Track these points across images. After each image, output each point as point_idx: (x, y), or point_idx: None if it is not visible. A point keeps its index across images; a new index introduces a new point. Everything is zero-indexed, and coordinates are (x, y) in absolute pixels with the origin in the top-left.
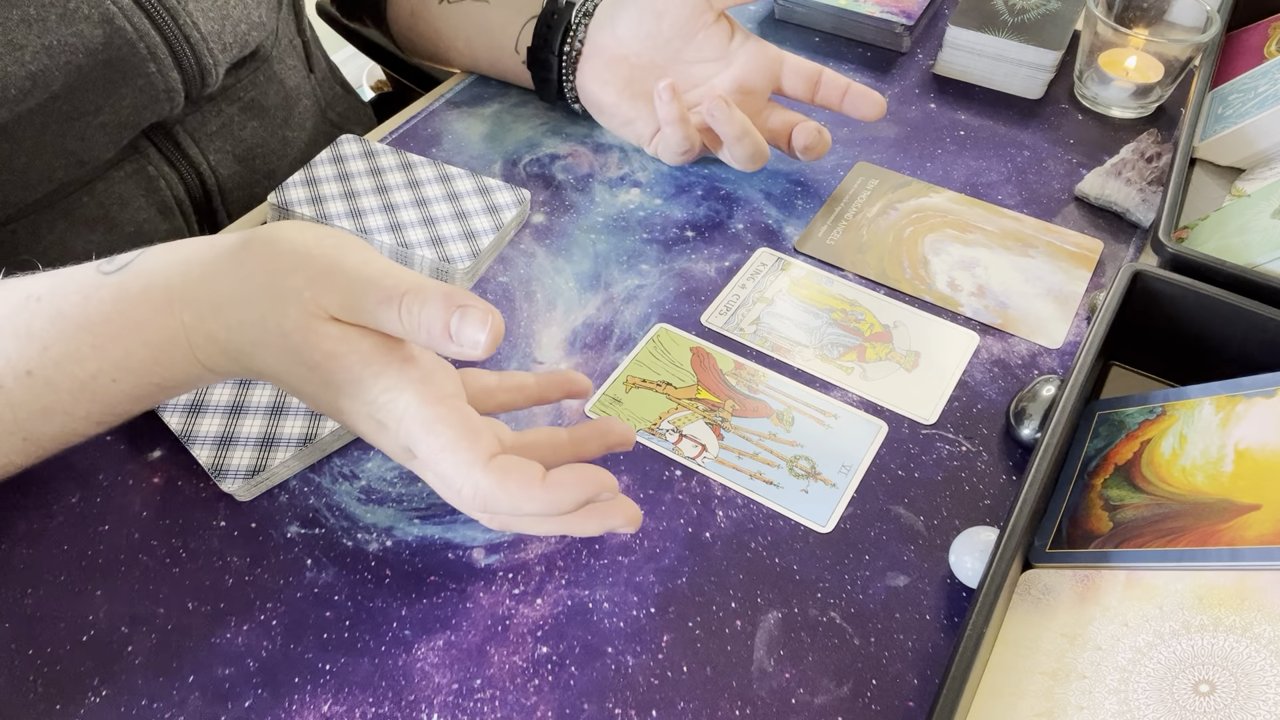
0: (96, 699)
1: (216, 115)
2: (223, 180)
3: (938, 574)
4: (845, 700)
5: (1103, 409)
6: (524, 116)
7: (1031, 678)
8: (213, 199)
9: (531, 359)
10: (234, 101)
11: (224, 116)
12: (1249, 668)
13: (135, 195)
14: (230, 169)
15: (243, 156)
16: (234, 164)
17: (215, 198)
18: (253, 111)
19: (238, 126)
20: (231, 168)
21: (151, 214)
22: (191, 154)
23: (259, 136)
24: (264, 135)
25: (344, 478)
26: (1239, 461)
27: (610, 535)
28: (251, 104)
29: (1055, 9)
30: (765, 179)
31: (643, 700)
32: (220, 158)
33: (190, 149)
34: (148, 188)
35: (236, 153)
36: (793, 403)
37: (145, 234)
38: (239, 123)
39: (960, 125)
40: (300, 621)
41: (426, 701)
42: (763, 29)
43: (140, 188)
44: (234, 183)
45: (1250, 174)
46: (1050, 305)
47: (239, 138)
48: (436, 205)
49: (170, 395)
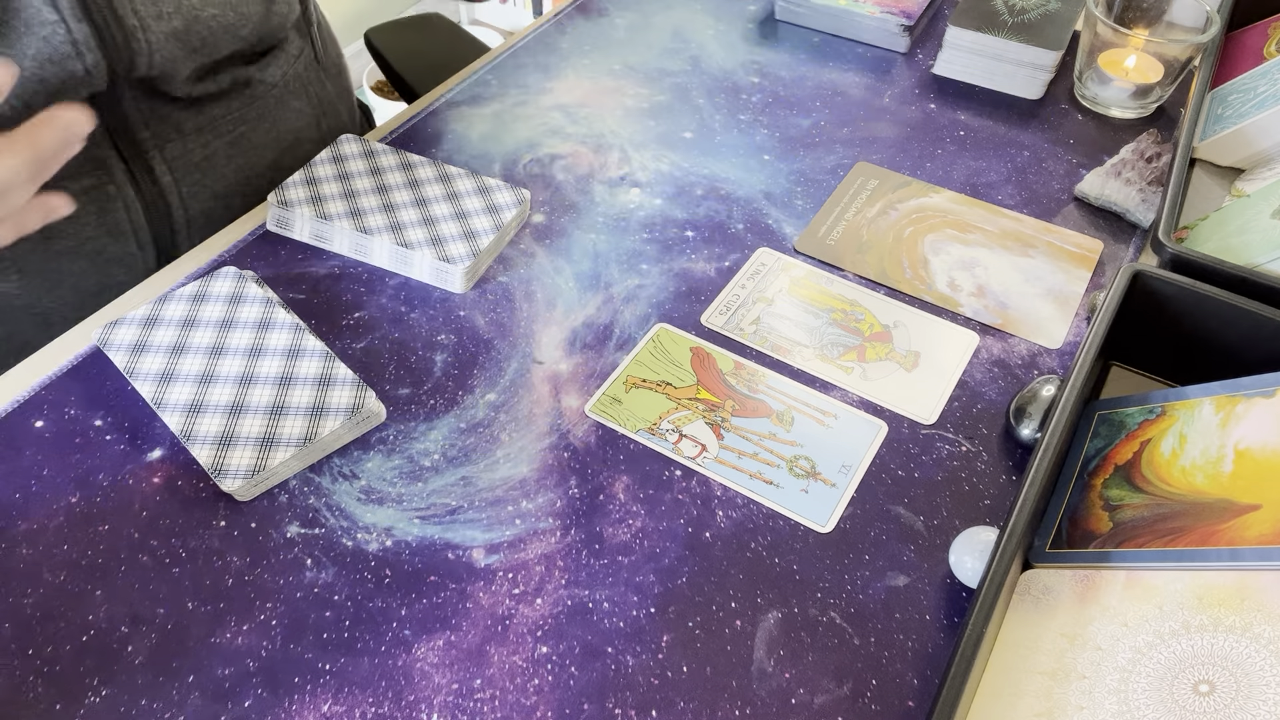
0: (96, 699)
1: (202, 147)
2: (193, 215)
3: (938, 574)
4: (845, 700)
5: (1103, 409)
6: (524, 116)
7: (1031, 678)
8: (177, 234)
9: (531, 359)
10: (222, 134)
11: (209, 149)
12: (1249, 668)
13: (86, 211)
14: (205, 204)
15: (222, 194)
16: (210, 199)
17: (180, 232)
18: (241, 148)
19: (222, 161)
20: (206, 203)
21: (99, 233)
22: (164, 182)
23: (244, 176)
24: (250, 175)
25: (344, 478)
26: (1239, 461)
27: (610, 535)
28: (240, 140)
29: (1055, 9)
30: (765, 179)
31: (643, 700)
32: (195, 191)
33: (164, 177)
34: (102, 206)
35: (216, 189)
36: (793, 403)
37: (86, 250)
38: (224, 157)
39: (960, 125)
40: (300, 621)
41: (426, 701)
42: (763, 29)
43: (93, 204)
44: (206, 218)
45: (1250, 174)
46: (1050, 305)
47: (222, 173)
48: (436, 205)
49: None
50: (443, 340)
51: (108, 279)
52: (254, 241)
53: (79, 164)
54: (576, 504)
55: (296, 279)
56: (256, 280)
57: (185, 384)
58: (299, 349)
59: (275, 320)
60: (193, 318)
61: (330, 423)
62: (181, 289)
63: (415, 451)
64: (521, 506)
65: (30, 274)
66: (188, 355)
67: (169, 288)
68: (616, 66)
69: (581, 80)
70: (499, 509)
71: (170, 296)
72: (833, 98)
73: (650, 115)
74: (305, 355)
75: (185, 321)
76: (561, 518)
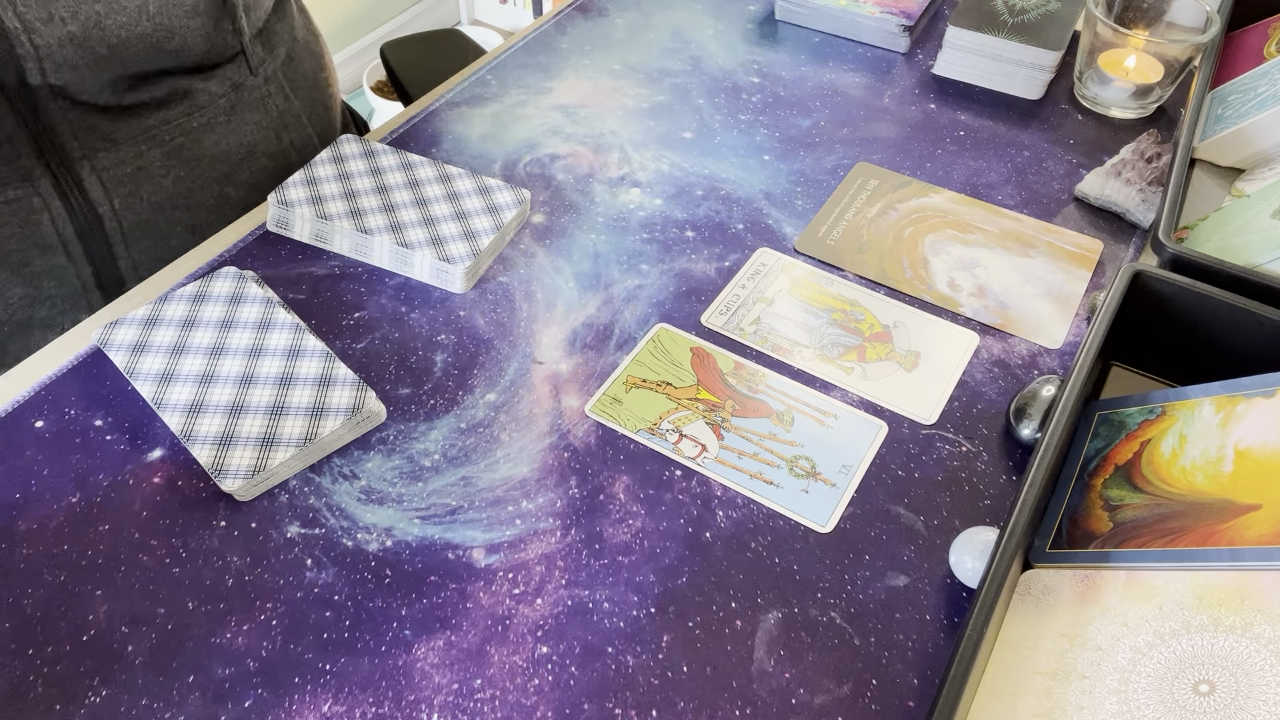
0: (96, 699)
1: (135, 157)
2: (128, 227)
3: (938, 574)
4: (845, 700)
5: (1103, 409)
6: (524, 116)
7: (1031, 678)
8: (113, 243)
9: (531, 359)
10: (158, 144)
11: (143, 160)
12: (1249, 668)
13: (8, 223)
14: (141, 215)
15: (160, 205)
16: (147, 210)
17: (117, 244)
18: (181, 159)
19: (159, 172)
20: (143, 214)
21: (24, 245)
22: (93, 194)
23: (185, 187)
24: (192, 186)
25: (344, 478)
26: (1239, 461)
27: (610, 535)
28: (179, 150)
29: (1055, 9)
30: (765, 179)
31: (643, 700)
32: (129, 202)
33: (93, 189)
34: (25, 220)
35: (153, 200)
36: (793, 403)
37: (10, 262)
38: (161, 168)
39: (960, 125)
40: (300, 621)
41: (426, 701)
42: (763, 29)
43: (16, 217)
44: (144, 230)
45: (1250, 174)
46: (1050, 305)
47: (159, 184)
48: (437, 205)
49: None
50: (443, 340)
51: (37, 291)
52: (254, 241)
53: (3, 175)
54: (576, 504)
55: (296, 279)
56: (257, 280)
57: (185, 384)
58: (299, 349)
59: (275, 320)
60: (193, 318)
61: (330, 423)
62: (182, 289)
63: (415, 451)
64: (522, 506)
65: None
66: (188, 355)
67: (169, 288)
68: (616, 66)
69: (581, 80)
70: (499, 509)
71: (170, 296)
72: (833, 98)
73: (650, 115)
74: (305, 355)
75: (185, 321)
76: (561, 518)
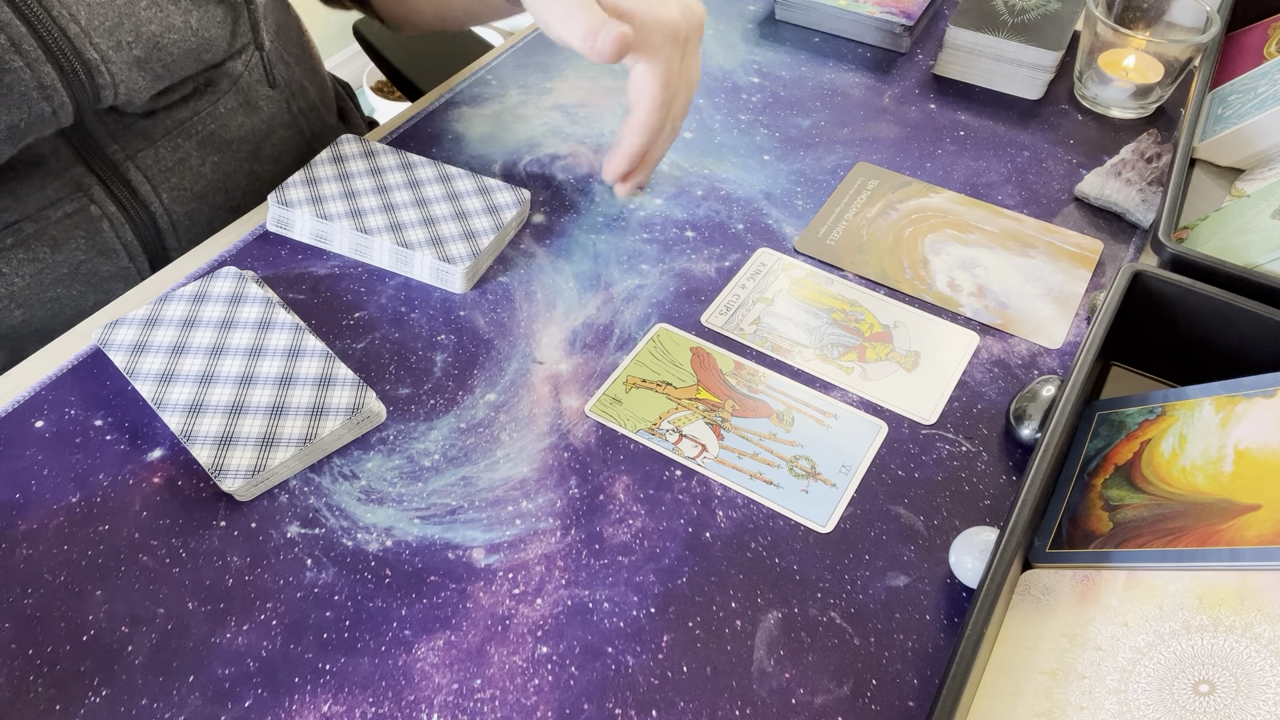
0: (96, 699)
1: (173, 151)
2: (177, 219)
3: (938, 574)
4: (845, 700)
5: (1103, 409)
6: (524, 116)
7: (1031, 678)
8: (166, 239)
9: (531, 359)
10: (191, 135)
11: (181, 152)
12: (1249, 668)
13: (73, 236)
14: (188, 206)
15: (203, 193)
16: (192, 200)
17: (169, 237)
18: (213, 145)
19: (196, 162)
20: (189, 205)
21: (91, 255)
22: (143, 192)
23: (222, 172)
24: (228, 170)
25: (344, 478)
26: (1239, 461)
27: (610, 535)
28: (211, 137)
29: (1055, 9)
30: (765, 179)
31: (643, 700)
32: (176, 195)
33: (141, 187)
34: (89, 229)
35: (196, 189)
36: (793, 403)
37: (81, 274)
38: (198, 158)
39: (960, 125)
40: (300, 621)
41: (426, 701)
42: (763, 29)
43: (80, 228)
44: (191, 220)
45: (1250, 174)
46: (1050, 305)
47: (199, 174)
48: (436, 205)
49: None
50: (443, 340)
51: (107, 297)
52: (254, 241)
53: (57, 191)
54: (576, 504)
55: (296, 279)
56: (257, 280)
57: (185, 384)
58: (299, 349)
59: (275, 320)
60: (193, 318)
61: (330, 423)
62: (182, 289)
63: (415, 451)
64: (521, 506)
65: (33, 307)
66: (188, 355)
67: (169, 288)
68: (617, 67)
69: (581, 80)
70: (499, 509)
71: (170, 297)
72: (833, 98)
73: None
74: (305, 355)
75: (185, 321)
76: (561, 518)
